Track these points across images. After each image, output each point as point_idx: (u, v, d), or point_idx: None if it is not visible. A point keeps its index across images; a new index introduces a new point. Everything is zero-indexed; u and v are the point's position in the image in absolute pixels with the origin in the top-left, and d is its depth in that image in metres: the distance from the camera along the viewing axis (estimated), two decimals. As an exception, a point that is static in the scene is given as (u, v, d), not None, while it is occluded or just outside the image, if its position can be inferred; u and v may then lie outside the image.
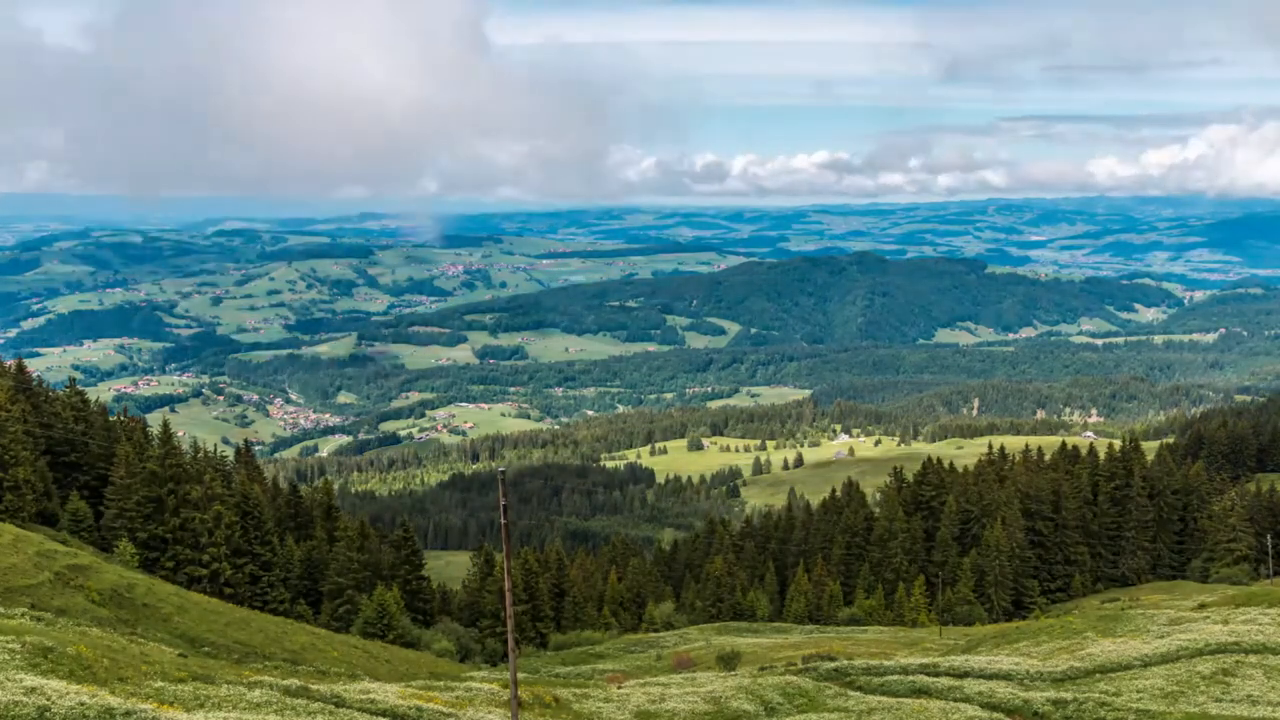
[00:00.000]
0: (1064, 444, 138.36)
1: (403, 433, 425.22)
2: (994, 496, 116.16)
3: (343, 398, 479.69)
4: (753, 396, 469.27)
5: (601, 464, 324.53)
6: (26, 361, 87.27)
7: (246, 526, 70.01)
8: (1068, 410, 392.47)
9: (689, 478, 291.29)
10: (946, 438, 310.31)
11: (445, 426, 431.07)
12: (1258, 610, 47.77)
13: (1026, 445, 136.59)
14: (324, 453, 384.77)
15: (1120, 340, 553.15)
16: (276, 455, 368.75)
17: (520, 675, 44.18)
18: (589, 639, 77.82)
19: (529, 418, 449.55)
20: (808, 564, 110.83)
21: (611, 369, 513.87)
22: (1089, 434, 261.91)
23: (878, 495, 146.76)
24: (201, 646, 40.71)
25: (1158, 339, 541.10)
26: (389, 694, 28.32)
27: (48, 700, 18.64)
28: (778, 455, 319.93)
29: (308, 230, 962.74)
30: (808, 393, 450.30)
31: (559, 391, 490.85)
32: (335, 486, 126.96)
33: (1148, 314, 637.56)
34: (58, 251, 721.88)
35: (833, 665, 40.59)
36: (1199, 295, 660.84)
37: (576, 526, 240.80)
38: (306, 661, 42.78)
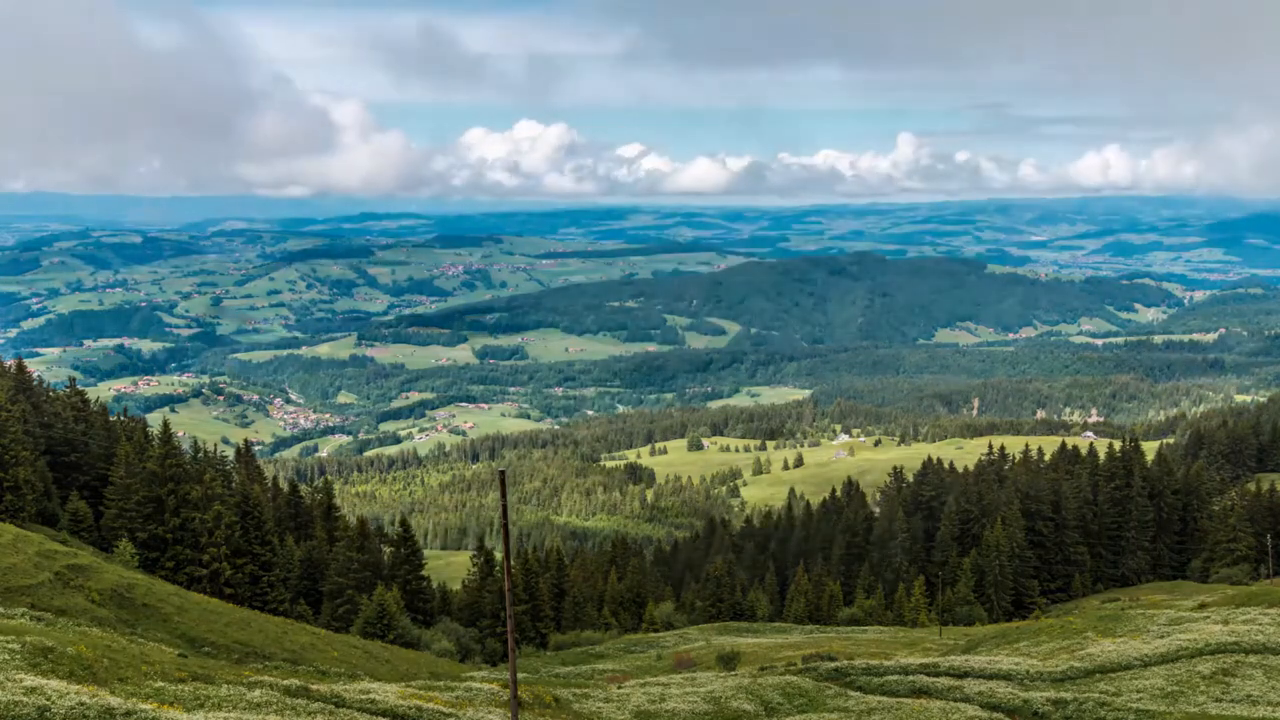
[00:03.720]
0: (1064, 444, 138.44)
1: (403, 433, 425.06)
2: (994, 496, 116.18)
3: (343, 398, 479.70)
4: (753, 396, 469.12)
5: (601, 464, 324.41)
6: (26, 361, 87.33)
7: (246, 526, 69.97)
8: (1068, 410, 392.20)
9: (689, 478, 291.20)
10: (946, 438, 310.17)
11: (445, 427, 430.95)
12: (1258, 610, 47.74)
13: (1026, 445, 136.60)
14: (324, 453, 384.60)
15: (1120, 340, 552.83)
16: (276, 455, 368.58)
17: (520, 675, 44.16)
18: (589, 639, 77.74)
19: (529, 418, 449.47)
20: (808, 564, 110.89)
21: (611, 369, 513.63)
22: (1089, 434, 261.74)
23: (878, 495, 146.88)
24: (201, 646, 40.70)
25: (1158, 339, 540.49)
26: (389, 694, 28.31)
27: (48, 700, 18.62)
28: (778, 455, 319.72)
29: (308, 230, 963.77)
30: (808, 393, 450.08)
31: (559, 391, 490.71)
32: (335, 487, 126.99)
33: (1148, 314, 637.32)
34: (58, 251, 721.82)
35: (833, 665, 40.57)
36: (1199, 295, 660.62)
37: (576, 526, 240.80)
38: (306, 661, 42.77)
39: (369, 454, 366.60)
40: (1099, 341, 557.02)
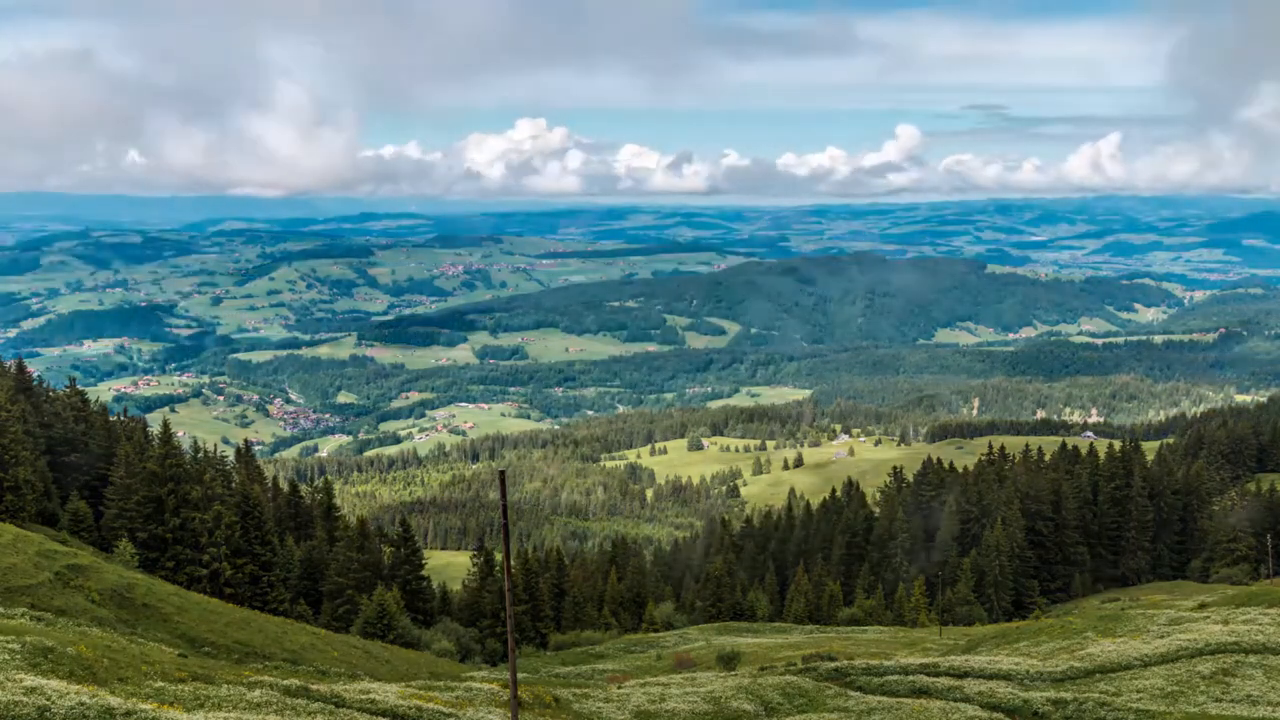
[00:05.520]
0: (1064, 444, 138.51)
1: (403, 433, 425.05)
2: (994, 496, 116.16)
3: (343, 398, 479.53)
4: (753, 396, 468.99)
5: (601, 464, 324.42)
6: (26, 361, 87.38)
7: (246, 526, 69.97)
8: (1068, 410, 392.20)
9: (689, 478, 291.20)
10: (946, 438, 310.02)
11: (445, 426, 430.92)
12: (1258, 610, 47.74)
13: (1026, 445, 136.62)
14: (324, 453, 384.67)
15: (1120, 340, 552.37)
16: (276, 455, 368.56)
17: (520, 675, 44.18)
18: (589, 639, 77.73)
19: (529, 418, 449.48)
20: (808, 564, 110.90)
21: (611, 369, 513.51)
22: (1089, 434, 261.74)
23: (878, 495, 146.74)
24: (201, 646, 40.71)
25: (1158, 339, 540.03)
26: (389, 694, 28.31)
27: (48, 700, 18.62)
28: (778, 455, 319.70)
29: (308, 230, 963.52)
30: (808, 393, 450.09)
31: (559, 391, 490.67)
32: (335, 487, 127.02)
33: (1148, 314, 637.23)
34: (58, 251, 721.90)
35: (833, 665, 40.56)
36: (1199, 295, 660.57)
37: (576, 526, 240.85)
38: (306, 661, 42.79)
39: (369, 454, 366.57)
40: (1099, 341, 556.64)
